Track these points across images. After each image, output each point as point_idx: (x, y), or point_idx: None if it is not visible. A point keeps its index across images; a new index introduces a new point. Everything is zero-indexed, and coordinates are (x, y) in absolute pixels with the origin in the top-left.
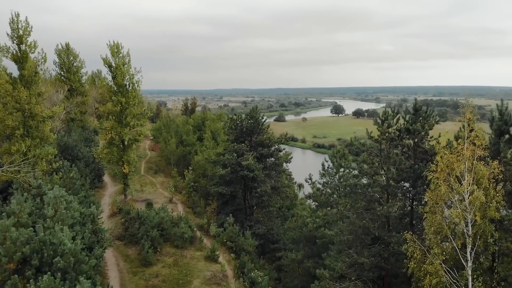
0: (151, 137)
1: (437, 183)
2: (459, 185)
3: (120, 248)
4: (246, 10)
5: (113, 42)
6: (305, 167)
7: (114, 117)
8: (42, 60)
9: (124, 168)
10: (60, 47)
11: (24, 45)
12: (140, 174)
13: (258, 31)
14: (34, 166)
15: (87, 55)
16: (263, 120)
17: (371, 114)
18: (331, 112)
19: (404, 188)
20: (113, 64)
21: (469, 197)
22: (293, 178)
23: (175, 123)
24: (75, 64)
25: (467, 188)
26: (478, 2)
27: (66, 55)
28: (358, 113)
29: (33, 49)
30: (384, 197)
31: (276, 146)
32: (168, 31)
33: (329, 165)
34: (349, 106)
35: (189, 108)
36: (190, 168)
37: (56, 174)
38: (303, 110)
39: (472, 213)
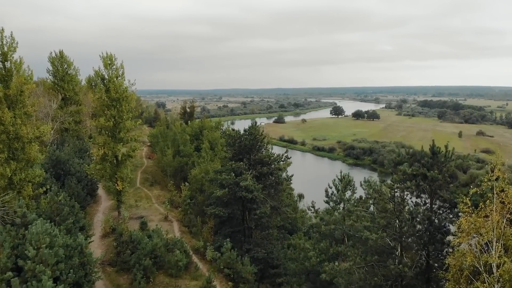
0: (149, 143)
1: (462, 250)
2: (487, 254)
3: (111, 276)
4: (245, 10)
5: (106, 53)
6: (305, 170)
7: (107, 132)
8: (29, 78)
9: (117, 185)
10: (54, 54)
11: (9, 62)
12: (135, 187)
13: (258, 31)
14: (19, 191)
15: (86, 56)
16: (262, 136)
17: (371, 115)
18: (331, 113)
19: (420, 238)
20: (106, 77)
21: (499, 270)
22: (293, 189)
23: (172, 130)
24: (69, 72)
25: (496, 258)
26: (476, 2)
27: (60, 63)
28: (358, 115)
29: (19, 67)
30: (397, 247)
31: (276, 164)
32: (167, 31)
33: (332, 192)
34: (349, 107)
35: (188, 111)
36: (187, 183)
37: (45, 194)
38: (303, 111)
39: (500, 285)
